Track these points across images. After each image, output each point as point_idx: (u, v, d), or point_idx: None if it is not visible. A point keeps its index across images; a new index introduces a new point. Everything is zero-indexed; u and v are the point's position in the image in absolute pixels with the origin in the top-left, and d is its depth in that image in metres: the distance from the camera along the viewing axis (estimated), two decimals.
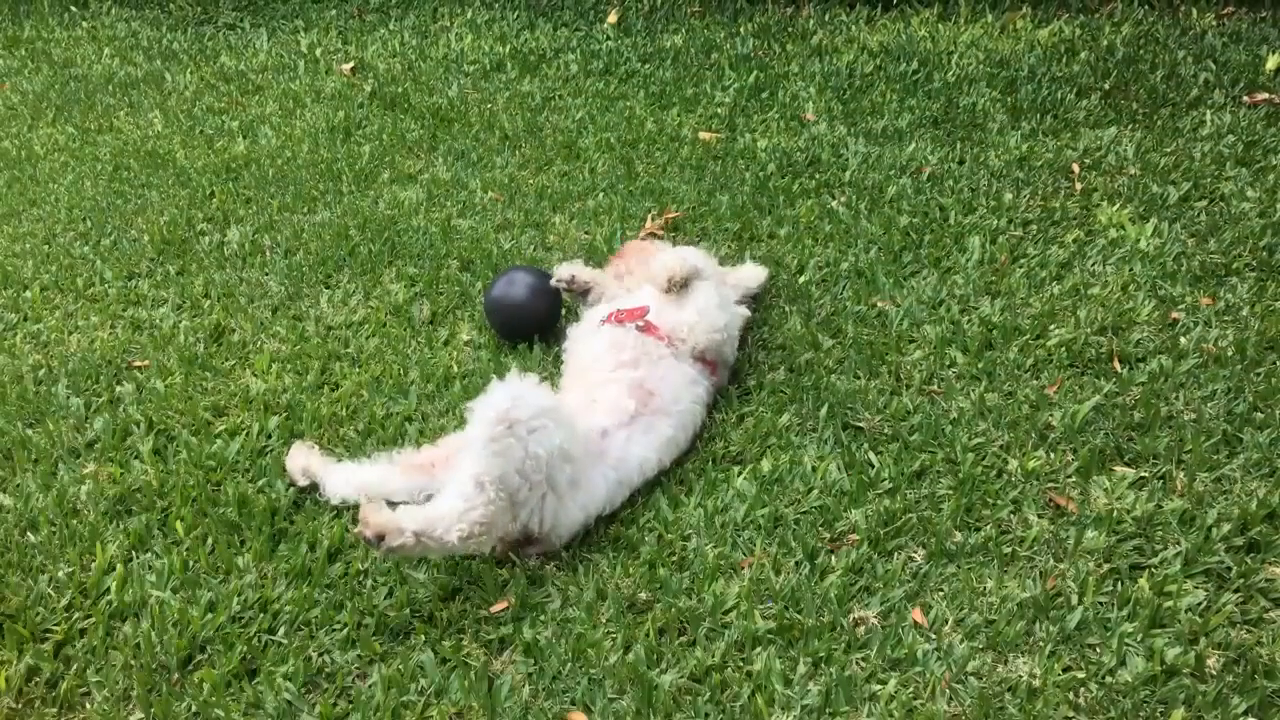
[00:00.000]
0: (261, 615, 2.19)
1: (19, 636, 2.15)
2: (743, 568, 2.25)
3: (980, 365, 2.82)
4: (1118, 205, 3.61)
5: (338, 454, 2.63)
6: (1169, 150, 3.98)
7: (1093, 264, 3.29)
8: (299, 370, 3.03)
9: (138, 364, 3.12)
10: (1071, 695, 1.92)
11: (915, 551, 2.27)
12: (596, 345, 2.71)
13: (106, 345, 3.20)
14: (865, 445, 2.57)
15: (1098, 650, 2.01)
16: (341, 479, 2.48)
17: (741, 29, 5.78)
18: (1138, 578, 2.15)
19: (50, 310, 3.45)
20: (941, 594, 2.15)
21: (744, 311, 2.99)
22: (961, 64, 5.02)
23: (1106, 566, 2.19)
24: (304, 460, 2.53)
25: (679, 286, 2.76)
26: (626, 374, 2.60)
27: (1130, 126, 4.23)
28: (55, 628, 2.18)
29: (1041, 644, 2.02)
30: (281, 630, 2.15)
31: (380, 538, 2.11)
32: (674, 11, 6.16)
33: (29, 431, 2.81)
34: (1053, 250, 3.37)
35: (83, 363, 3.10)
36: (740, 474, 2.51)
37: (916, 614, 2.10)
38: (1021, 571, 2.19)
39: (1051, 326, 2.97)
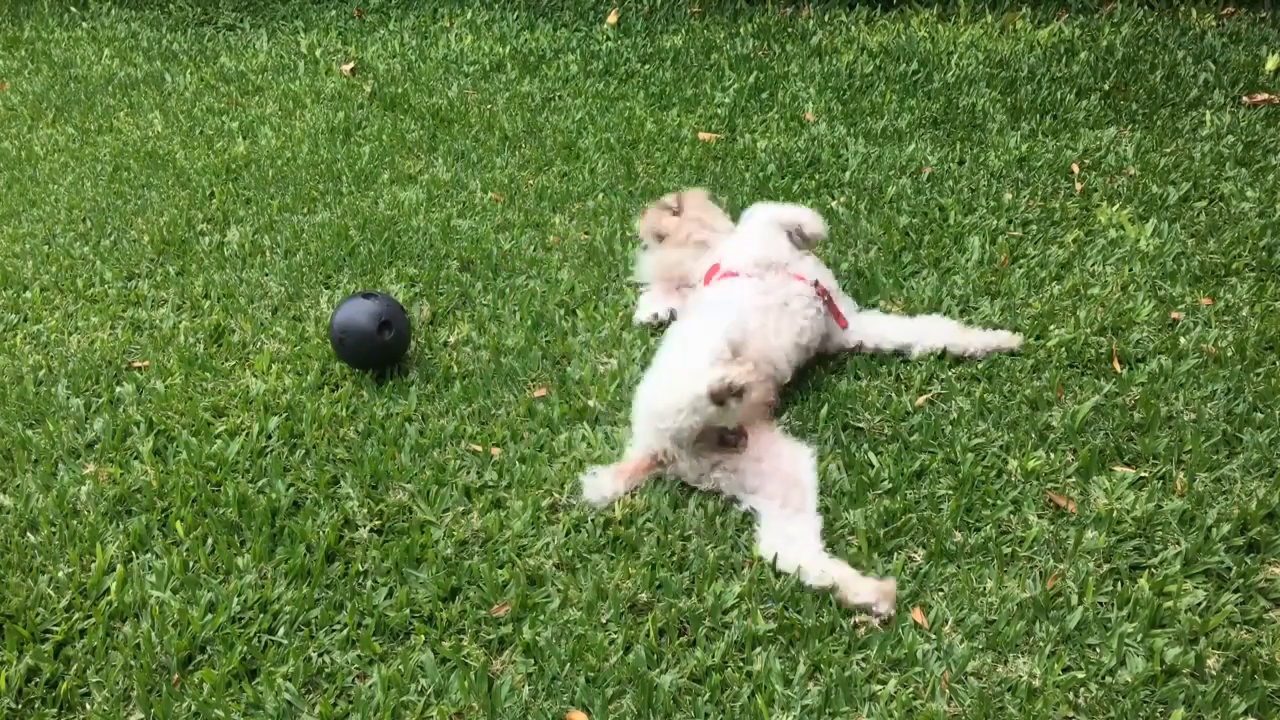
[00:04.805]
0: (261, 616, 2.19)
1: (19, 637, 2.15)
2: (743, 568, 2.25)
3: (980, 365, 2.82)
4: (1117, 205, 3.61)
5: (342, 454, 2.63)
6: (1169, 150, 3.99)
7: (1092, 264, 3.29)
8: (299, 371, 3.03)
9: (138, 364, 3.12)
10: (1071, 695, 1.92)
11: (915, 552, 2.27)
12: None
13: (106, 346, 3.20)
14: (865, 445, 2.57)
15: (1098, 650, 2.01)
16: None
17: (741, 29, 5.78)
18: (1137, 578, 2.15)
19: (50, 311, 3.45)
20: (941, 594, 2.15)
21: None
22: (961, 64, 5.02)
23: (1106, 566, 2.19)
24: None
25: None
26: None
27: (1130, 127, 4.23)
28: (55, 628, 2.18)
29: (1041, 644, 2.02)
30: (281, 630, 2.15)
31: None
32: (674, 12, 6.16)
33: (29, 432, 2.81)
34: (1052, 250, 3.38)
35: (83, 363, 3.10)
36: None
37: (916, 614, 2.10)
38: (1021, 571, 2.20)
39: (1051, 327, 2.97)
